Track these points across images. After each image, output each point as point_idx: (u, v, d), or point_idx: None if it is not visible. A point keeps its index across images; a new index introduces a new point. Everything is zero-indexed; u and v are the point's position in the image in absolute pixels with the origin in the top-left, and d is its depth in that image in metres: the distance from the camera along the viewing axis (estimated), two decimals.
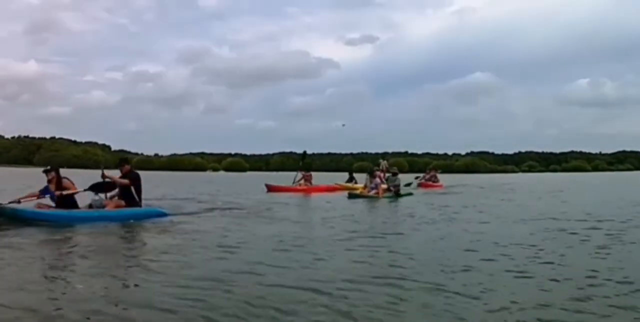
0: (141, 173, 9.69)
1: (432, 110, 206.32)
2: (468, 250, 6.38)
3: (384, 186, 17.65)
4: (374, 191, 16.88)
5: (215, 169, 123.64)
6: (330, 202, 15.54)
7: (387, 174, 19.10)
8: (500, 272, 5.02)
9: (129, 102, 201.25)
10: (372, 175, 17.66)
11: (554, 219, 10.18)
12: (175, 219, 9.40)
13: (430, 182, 27.30)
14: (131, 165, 9.70)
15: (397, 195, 17.53)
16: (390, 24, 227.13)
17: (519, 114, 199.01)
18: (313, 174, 23.53)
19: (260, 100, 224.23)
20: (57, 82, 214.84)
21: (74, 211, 8.54)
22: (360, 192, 17.41)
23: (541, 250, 6.32)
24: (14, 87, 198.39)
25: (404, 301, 3.98)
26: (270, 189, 21.25)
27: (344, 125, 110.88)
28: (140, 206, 9.40)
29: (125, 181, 9.20)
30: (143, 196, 9.54)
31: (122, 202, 9.09)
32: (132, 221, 8.71)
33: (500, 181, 44.22)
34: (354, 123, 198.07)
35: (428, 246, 6.93)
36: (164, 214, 9.55)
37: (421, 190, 23.85)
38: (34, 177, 9.18)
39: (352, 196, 16.64)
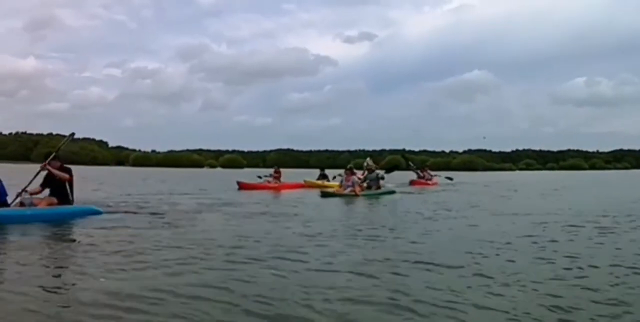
0: (139, 170, 9.38)
1: (430, 107, 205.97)
2: (467, 241, 6.79)
3: (364, 184, 16.90)
4: (349, 189, 15.99)
5: (212, 166, 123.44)
6: (304, 199, 15.14)
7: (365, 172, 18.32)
8: (508, 259, 5.47)
9: (127, 99, 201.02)
10: (351, 172, 16.74)
11: (554, 214, 10.50)
12: (111, 217, 8.90)
13: (424, 180, 26.73)
14: (61, 160, 8.98)
15: (381, 193, 16.95)
16: (388, 22, 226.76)
17: (516, 112, 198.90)
18: (284, 170, 23.21)
19: (258, 97, 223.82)
20: (55, 79, 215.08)
21: (3, 210, 7.98)
22: (336, 190, 16.56)
23: (546, 243, 6.60)
24: (13, 84, 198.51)
25: (430, 281, 4.40)
26: (242, 186, 20.53)
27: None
28: (72, 203, 8.90)
29: (65, 175, 8.67)
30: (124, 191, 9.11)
31: (55, 200, 8.58)
32: (65, 219, 8.24)
33: (497, 178, 44.14)
34: (351, 120, 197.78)
35: (432, 237, 7.24)
36: (99, 212, 9.02)
37: (413, 188, 23.17)
38: (30, 173, 8.77)
39: (325, 195, 15.78)
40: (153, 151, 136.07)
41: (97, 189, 18.26)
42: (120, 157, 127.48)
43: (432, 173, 28.65)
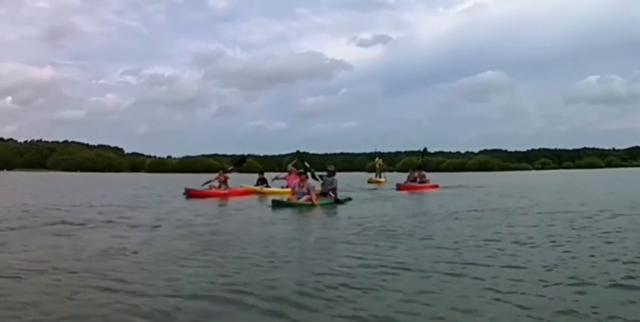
0: (154, 175, 8.78)
1: (444, 108, 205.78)
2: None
3: (318, 189, 14.39)
4: (305, 197, 13.41)
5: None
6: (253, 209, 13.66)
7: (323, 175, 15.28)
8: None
9: (143, 105, 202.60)
10: (306, 176, 14.30)
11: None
12: None
13: (415, 184, 23.07)
14: None
15: (337, 201, 14.23)
16: (401, 24, 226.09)
17: (531, 111, 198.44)
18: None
19: (273, 101, 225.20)
20: (72, 86, 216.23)
21: None
22: (289, 199, 14.12)
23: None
24: (30, 92, 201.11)
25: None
26: (190, 194, 18.08)
27: None
28: None
29: None
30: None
31: None
32: None
33: (511, 179, 44.07)
34: (366, 123, 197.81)
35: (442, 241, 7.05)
36: None
37: (402, 193, 20.27)
38: (47, 181, 8.33)
39: (276, 205, 13.28)
40: (169, 157, 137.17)
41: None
42: (136, 163, 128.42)
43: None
